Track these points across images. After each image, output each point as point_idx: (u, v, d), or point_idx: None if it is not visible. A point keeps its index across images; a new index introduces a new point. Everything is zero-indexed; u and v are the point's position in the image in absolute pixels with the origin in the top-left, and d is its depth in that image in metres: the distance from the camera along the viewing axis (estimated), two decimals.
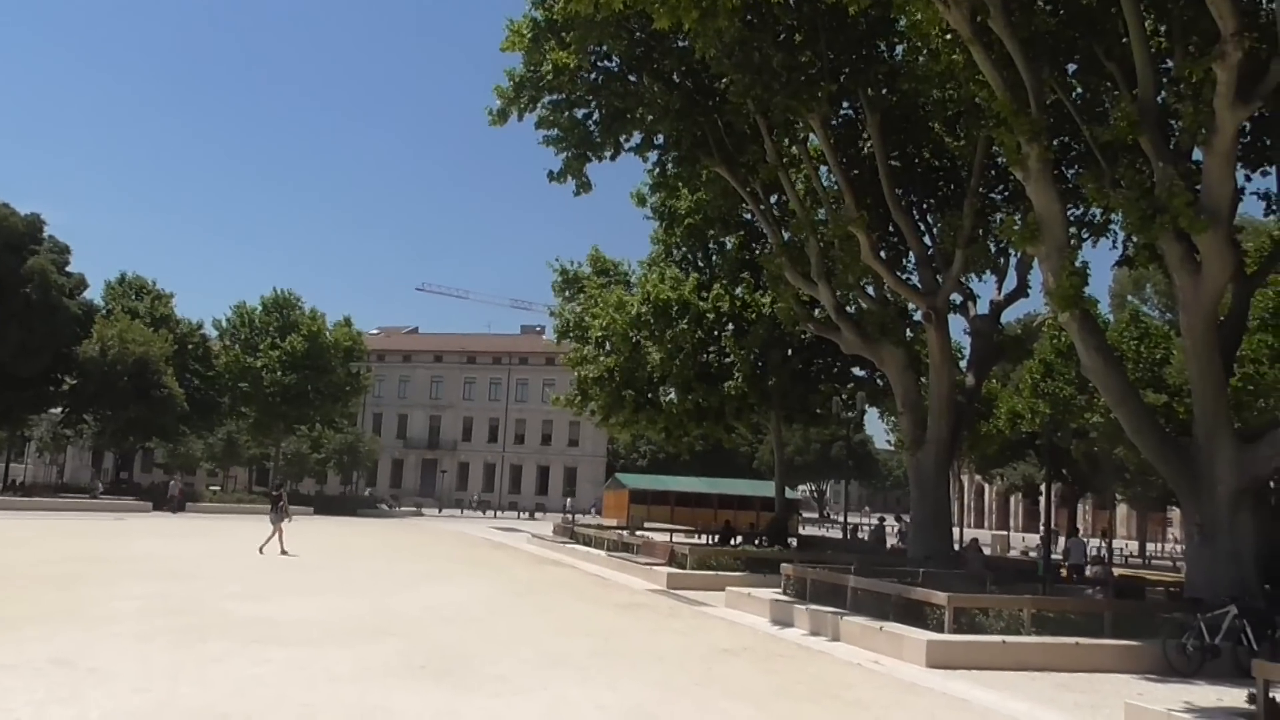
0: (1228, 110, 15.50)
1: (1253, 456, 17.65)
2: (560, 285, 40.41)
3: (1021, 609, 15.55)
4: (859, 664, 14.34)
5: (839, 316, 26.18)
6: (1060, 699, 12.37)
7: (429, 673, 11.56)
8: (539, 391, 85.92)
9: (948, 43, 19.15)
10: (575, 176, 24.98)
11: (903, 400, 26.23)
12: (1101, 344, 19.60)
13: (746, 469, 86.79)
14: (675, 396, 34.60)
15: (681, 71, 24.46)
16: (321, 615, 15.91)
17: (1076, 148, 22.01)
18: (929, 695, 12.26)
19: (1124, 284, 54.37)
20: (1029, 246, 19.67)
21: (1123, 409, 19.37)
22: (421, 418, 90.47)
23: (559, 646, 14.21)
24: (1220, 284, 17.78)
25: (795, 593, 19.77)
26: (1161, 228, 16.29)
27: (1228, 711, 10.37)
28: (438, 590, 21.01)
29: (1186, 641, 14.58)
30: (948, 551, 25.06)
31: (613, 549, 31.69)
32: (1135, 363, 34.44)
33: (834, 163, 24.61)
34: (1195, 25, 17.11)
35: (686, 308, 33.37)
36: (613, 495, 65.23)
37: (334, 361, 61.50)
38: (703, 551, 27.40)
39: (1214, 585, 16.73)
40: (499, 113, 24.35)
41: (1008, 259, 27.16)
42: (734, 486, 64.63)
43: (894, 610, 16.38)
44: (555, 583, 24.77)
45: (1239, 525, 17.59)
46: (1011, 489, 77.66)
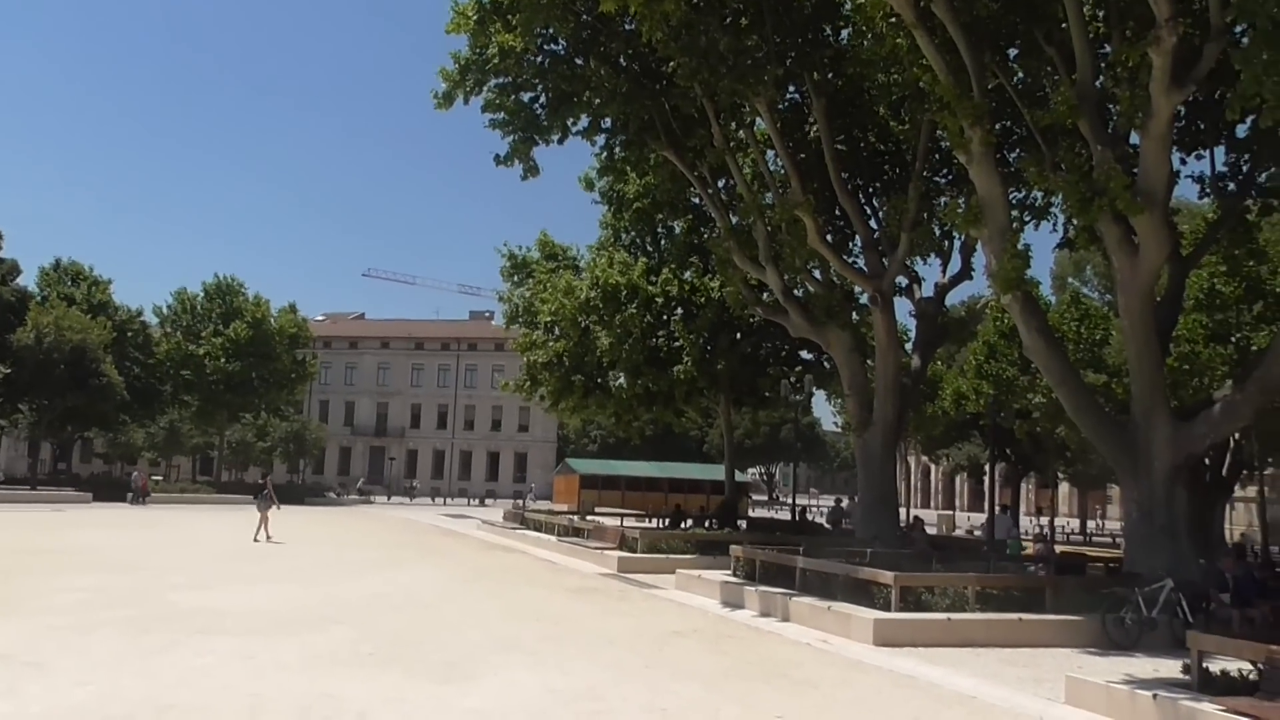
0: (1163, 95, 15.81)
1: (1188, 434, 18.12)
2: (509, 270, 40.19)
3: (966, 586, 15.84)
4: (808, 643, 14.50)
5: (786, 300, 26.36)
6: (1003, 674, 12.63)
7: (377, 660, 11.50)
8: (488, 377, 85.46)
9: (892, 27, 19.32)
10: (522, 160, 24.81)
11: (849, 383, 26.51)
12: (1043, 325, 19.96)
13: (696, 453, 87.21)
14: (625, 381, 34.61)
15: (628, 55, 24.38)
16: (269, 604, 15.75)
17: (1018, 132, 22.33)
18: (876, 673, 12.45)
19: (1065, 266, 55.29)
20: (972, 229, 19.95)
21: (1063, 389, 19.75)
22: (369, 405, 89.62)
23: (509, 631, 14.20)
24: (1157, 265, 18.18)
25: (745, 574, 19.94)
26: (1100, 210, 16.60)
27: (1164, 682, 10.65)
28: (386, 577, 20.87)
29: (1125, 615, 14.96)
30: (895, 531, 25.41)
31: (563, 534, 31.71)
32: (1076, 343, 35.00)
33: (780, 147, 24.73)
34: (1132, 11, 17.41)
35: (635, 292, 33.36)
36: (563, 480, 65.27)
37: (279, 348, 60.67)
38: (653, 535, 27.52)
39: (1151, 560, 17.16)
40: (444, 96, 24.08)
41: (952, 242, 27.54)
42: (684, 470, 64.98)
43: (842, 590, 16.59)
44: (505, 568, 24.73)
45: (1175, 501, 18.06)
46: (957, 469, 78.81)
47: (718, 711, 9.79)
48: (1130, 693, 10.25)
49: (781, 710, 9.99)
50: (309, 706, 9.14)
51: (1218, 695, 9.76)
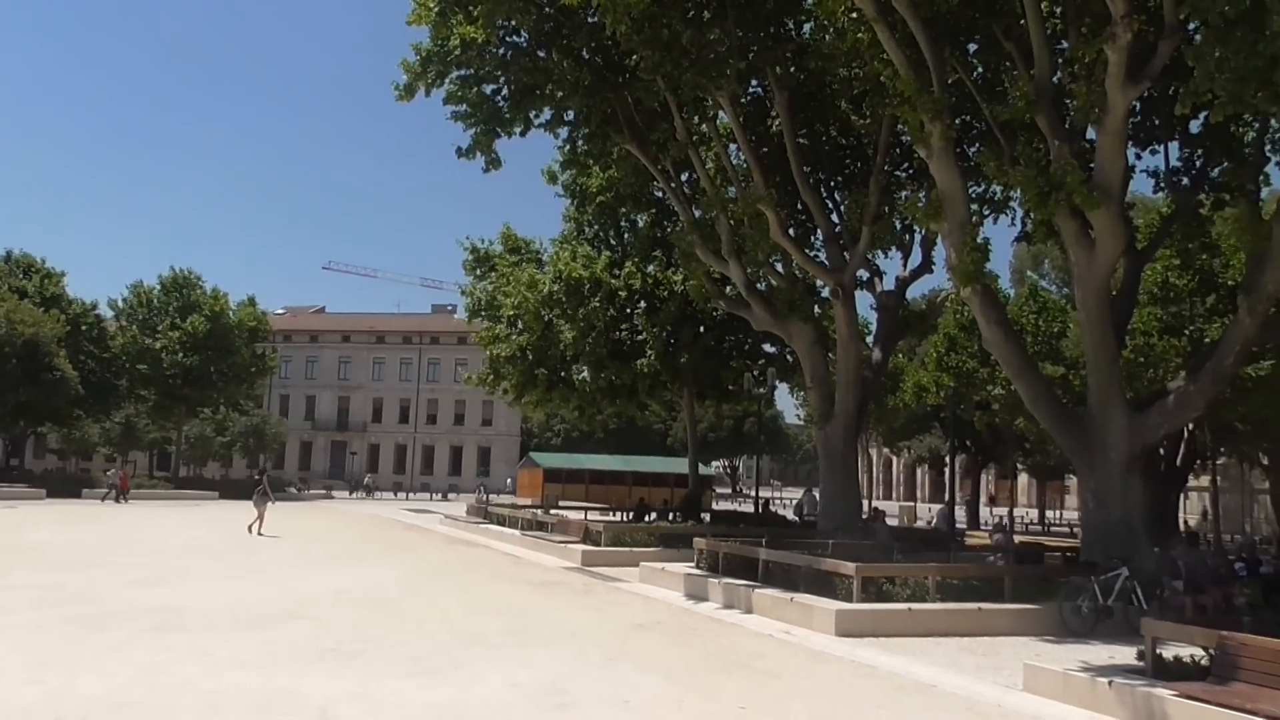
0: (1118, 90, 16.02)
1: (1143, 424, 18.41)
2: (471, 264, 40.00)
3: (926, 577, 15.99)
4: (771, 635, 14.58)
5: (749, 293, 26.45)
6: (963, 662, 12.77)
7: (339, 655, 11.42)
8: (451, 371, 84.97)
9: (853, 21, 19.41)
10: (484, 153, 24.64)
11: (811, 375, 26.65)
12: (1001, 318, 20.18)
13: (660, 446, 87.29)
14: (588, 374, 34.58)
15: (591, 48, 24.28)
16: (227, 601, 15.58)
17: (977, 126, 22.53)
18: (838, 663, 12.54)
19: (1023, 259, 56.06)
20: (932, 223, 20.12)
21: (1022, 380, 19.99)
22: (330, 399, 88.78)
23: (472, 626, 14.15)
24: (1113, 259, 18.42)
25: (708, 567, 20.00)
26: (1057, 204, 16.80)
27: (1119, 668, 10.82)
28: (348, 573, 20.72)
29: (1082, 604, 15.16)
30: (856, 523, 25.60)
31: (527, 528, 31.63)
32: (1034, 336, 35.49)
33: (743, 141, 24.78)
34: (1088, 7, 17.62)
35: (599, 286, 33.31)
36: (527, 474, 65.08)
37: (238, 342, 59.91)
38: (617, 528, 27.53)
39: (1107, 549, 17.42)
40: (406, 88, 23.84)
41: (912, 236, 27.73)
42: (648, 463, 65.03)
43: (805, 581, 16.68)
44: (469, 563, 24.64)
45: (1130, 490, 18.35)
46: (918, 461, 79.67)
47: (681, 703, 9.82)
48: (1087, 679, 10.41)
49: (744, 701, 10.04)
50: (268, 703, 9.05)
51: (1171, 681, 9.94)
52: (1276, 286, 17.68)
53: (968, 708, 10.30)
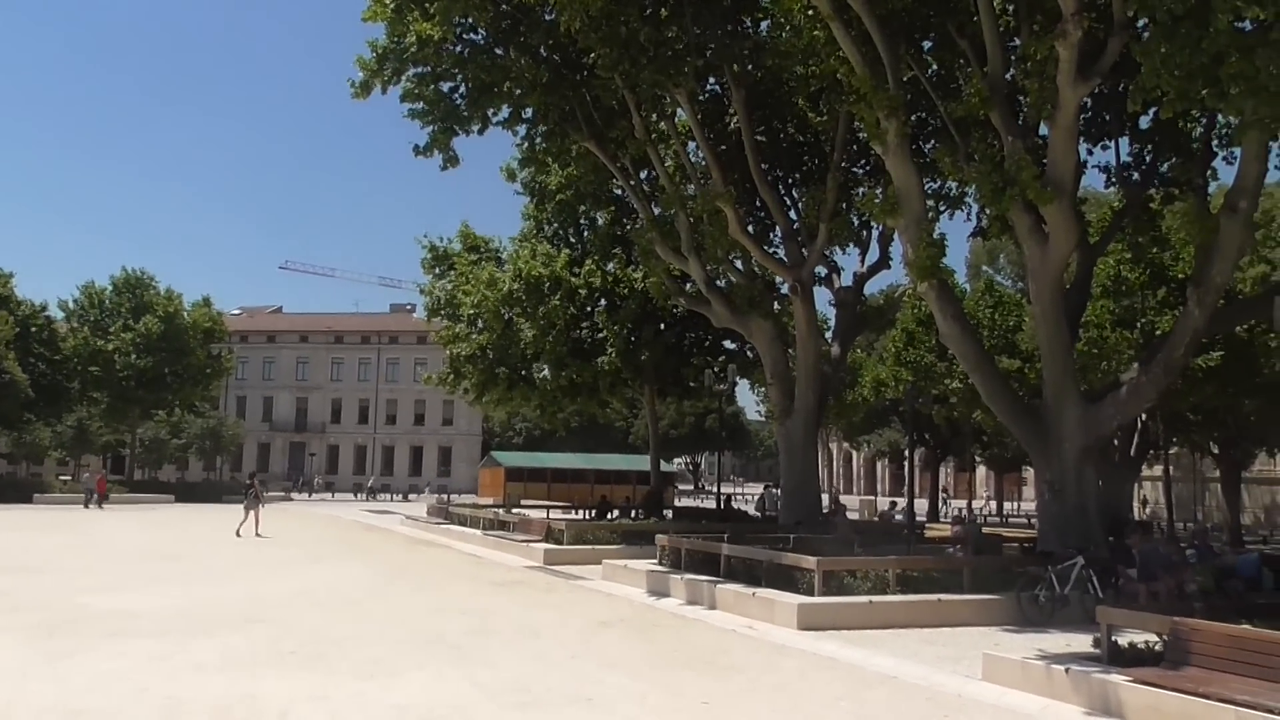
0: (1069, 87, 16.25)
1: (1096, 416, 18.70)
2: (430, 262, 39.72)
3: (887, 569, 16.14)
4: (733, 630, 14.65)
5: (709, 290, 26.53)
6: (923, 653, 12.91)
7: (299, 658, 11.32)
8: (410, 370, 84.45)
9: (810, 19, 19.51)
10: (442, 150, 24.49)
11: (771, 371, 26.80)
12: (958, 312, 20.41)
13: (622, 443, 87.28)
14: (549, 373, 34.48)
15: (549, 45, 24.21)
16: (185, 604, 15.39)
17: (933, 123, 22.75)
18: (800, 656, 12.63)
19: (979, 254, 56.65)
20: (889, 219, 20.30)
21: (978, 374, 20.23)
22: (288, 400, 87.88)
23: (434, 626, 14.08)
24: (1066, 253, 18.69)
25: (671, 563, 20.06)
26: (1011, 200, 17.01)
27: (1076, 656, 11.00)
28: (308, 575, 20.54)
29: (1039, 593, 15.38)
30: (817, 517, 25.78)
31: (489, 528, 31.51)
32: (990, 330, 35.87)
33: (701, 138, 24.85)
34: (1040, 5, 17.85)
35: (559, 284, 33.24)
36: (488, 473, 64.83)
37: (193, 343, 59.13)
38: (579, 526, 27.51)
39: (1063, 538, 17.69)
40: (362, 85, 23.64)
41: (870, 232, 27.98)
42: (610, 461, 65.03)
43: (766, 576, 16.78)
44: (430, 563, 24.51)
45: (1085, 481, 18.65)
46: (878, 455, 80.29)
47: (644, 699, 9.84)
48: (1044, 667, 10.57)
49: (707, 696, 10.08)
50: (228, 707, 8.96)
51: (1126, 667, 10.12)
52: (1224, 279, 18.05)
53: (928, 698, 10.41)
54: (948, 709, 9.96)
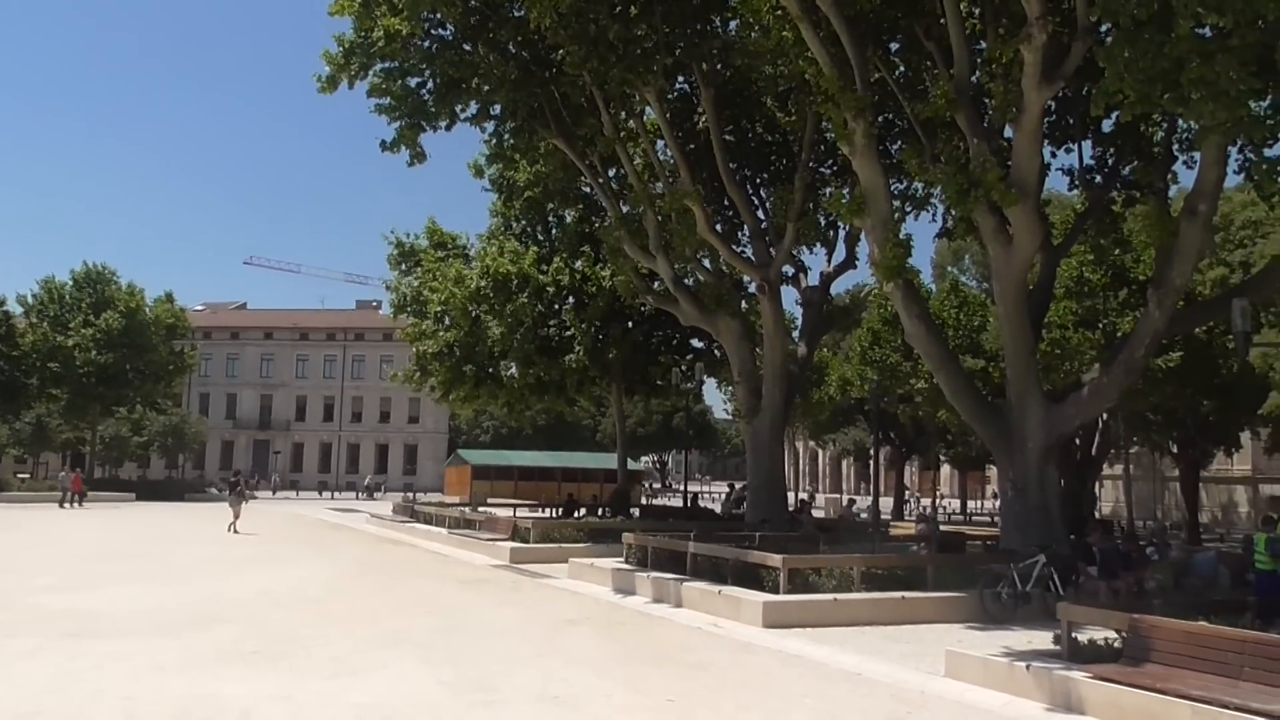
0: (1034, 90, 16.43)
1: (1059, 415, 18.91)
2: (396, 259, 39.49)
3: (851, 567, 16.24)
4: (699, 627, 14.69)
5: (677, 289, 26.57)
6: (887, 650, 13.00)
7: (262, 658, 11.22)
8: (376, 368, 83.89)
9: (778, 19, 19.58)
10: (409, 146, 24.34)
11: (738, 370, 26.89)
12: (923, 312, 20.57)
13: (589, 442, 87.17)
14: (516, 371, 34.39)
15: (518, 42, 24.14)
16: (146, 604, 15.20)
17: (899, 124, 22.92)
18: (765, 654, 12.69)
19: (944, 255, 57.04)
20: (856, 219, 20.41)
21: (943, 373, 20.41)
22: (252, 397, 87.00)
23: (399, 625, 14.01)
24: (1029, 254, 18.90)
25: (637, 561, 20.06)
26: (976, 201, 17.16)
27: (1037, 653, 11.12)
28: (271, 574, 20.35)
29: (1001, 590, 15.54)
30: (783, 515, 25.90)
31: (455, 526, 31.37)
32: (955, 330, 36.21)
33: (669, 137, 24.88)
34: (1006, 8, 18.02)
35: (526, 281, 33.15)
36: (455, 472, 64.57)
37: (155, 339, 58.35)
38: (546, 525, 27.45)
39: (1025, 536, 17.87)
40: (328, 79, 23.46)
41: (837, 232, 28.13)
42: (577, 459, 64.95)
43: (732, 574, 16.83)
44: (395, 562, 24.37)
45: (1047, 479, 18.87)
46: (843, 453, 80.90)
47: (610, 697, 9.84)
48: (1006, 664, 10.69)
49: (673, 694, 10.10)
50: (188, 708, 8.86)
51: (1086, 663, 10.26)
52: (1184, 281, 18.30)
53: (892, 694, 10.49)
54: (911, 705, 10.04)
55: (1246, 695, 8.55)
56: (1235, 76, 12.13)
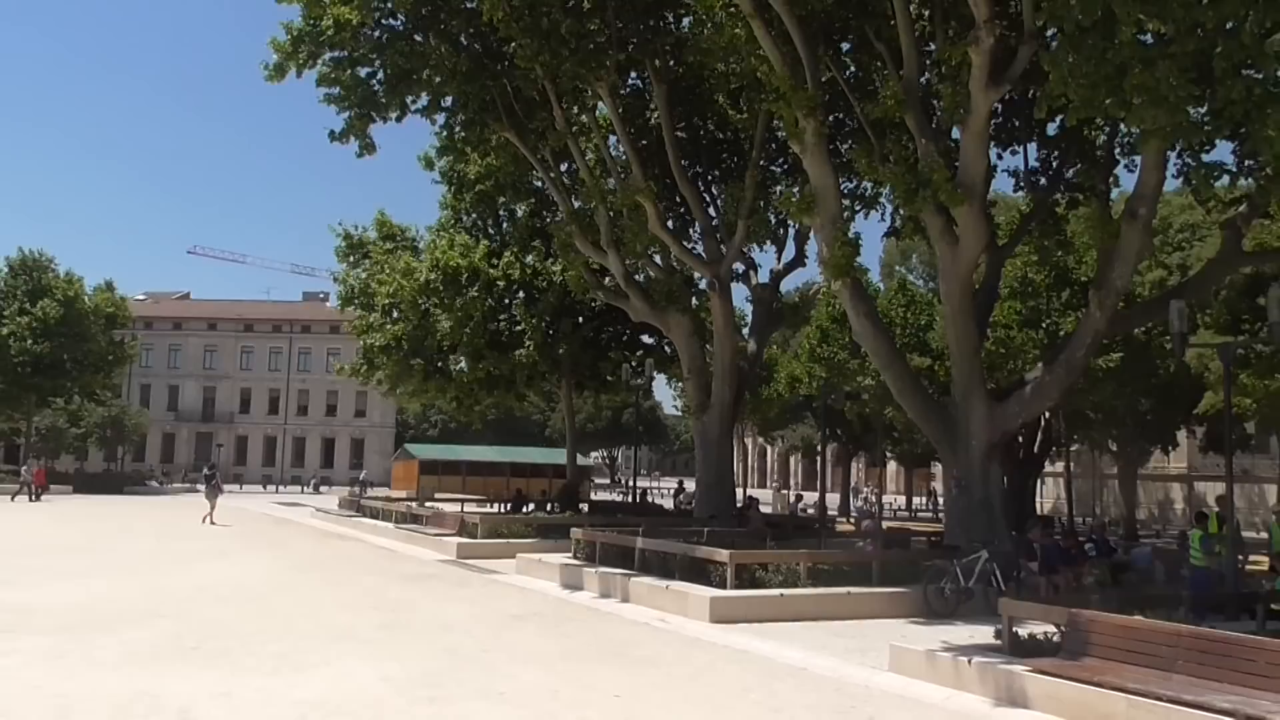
0: (981, 93, 16.66)
1: (1002, 413, 19.23)
2: (344, 251, 39.07)
3: (798, 563, 16.36)
4: (647, 623, 14.71)
5: (628, 285, 26.58)
6: (832, 645, 13.12)
7: (202, 654, 11.03)
8: (323, 360, 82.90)
9: (731, 17, 19.67)
10: (358, 137, 24.06)
11: (688, 366, 26.99)
12: (871, 311, 20.78)
13: (539, 437, 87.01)
14: (466, 365, 34.21)
15: (469, 34, 23.96)
16: (83, 599, 14.88)
17: (850, 124, 23.12)
18: (712, 649, 12.73)
19: (892, 254, 57.66)
20: (805, 218, 20.56)
21: (889, 371, 20.64)
22: (194, 389, 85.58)
23: (343, 620, 13.86)
24: (975, 254, 19.17)
25: (585, 556, 20.04)
26: (924, 201, 17.38)
27: (979, 647, 11.28)
28: (213, 568, 20.04)
29: (945, 586, 15.75)
30: (731, 510, 26.04)
31: (401, 521, 31.13)
32: (902, 328, 36.65)
33: (622, 132, 24.86)
34: (955, 11, 18.26)
35: (477, 275, 32.97)
36: (402, 466, 64.01)
37: (93, 329, 57.15)
38: (494, 520, 27.33)
39: (969, 533, 18.14)
40: (276, 68, 23.09)
41: (787, 230, 28.32)
42: (526, 454, 64.69)
43: (680, 569, 16.87)
44: (340, 557, 24.11)
45: (991, 476, 19.17)
46: (792, 450, 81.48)
47: (556, 693, 9.82)
48: (948, 658, 10.83)
49: (619, 689, 10.10)
50: (124, 705, 8.68)
51: (1026, 657, 10.43)
52: (1124, 282, 18.69)
53: (836, 689, 10.59)
54: (855, 699, 10.14)
55: (1179, 687, 8.75)
56: (1175, 83, 12.39)
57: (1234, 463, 16.07)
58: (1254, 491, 46.67)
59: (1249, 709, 8.12)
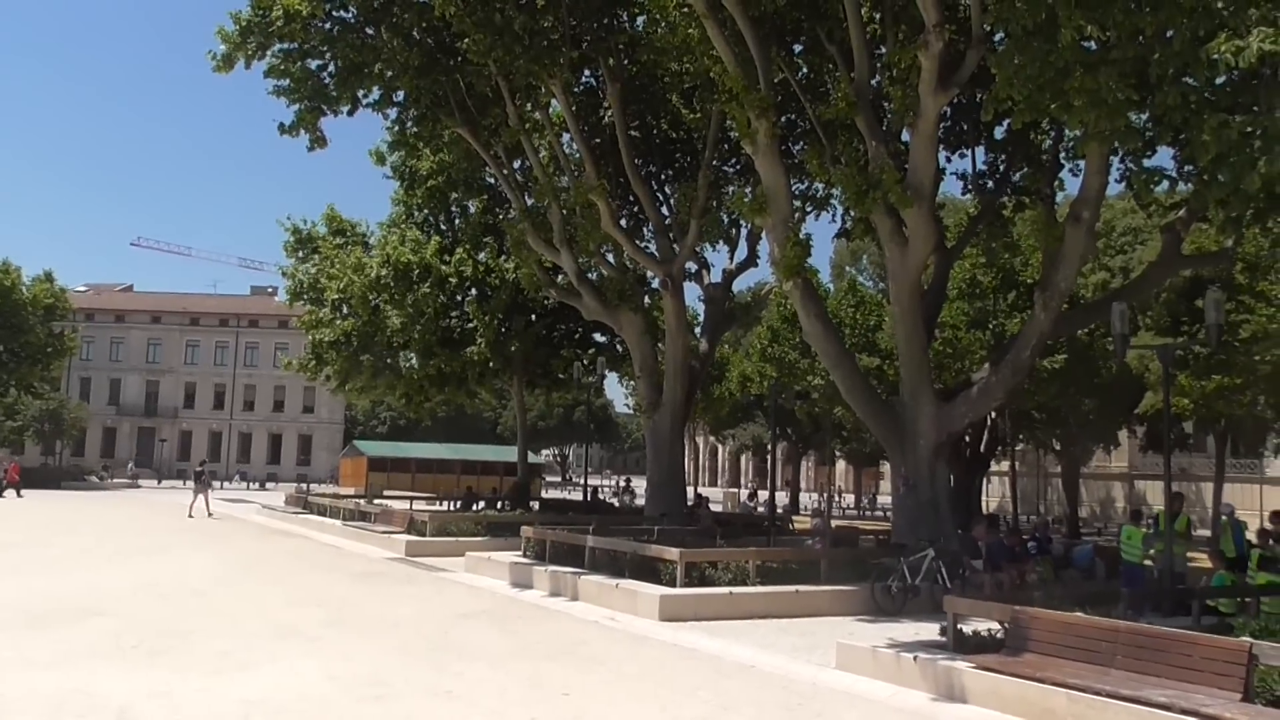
0: (930, 96, 16.85)
1: (949, 413, 19.46)
2: (293, 245, 38.54)
3: (747, 561, 16.46)
4: (596, 621, 14.72)
5: (580, 283, 26.54)
6: (780, 643, 13.22)
7: (142, 652, 10.85)
8: (271, 355, 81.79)
9: (684, 16, 19.70)
10: (309, 130, 23.72)
11: (640, 365, 27.00)
12: (821, 311, 20.93)
13: (490, 434, 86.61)
14: (416, 361, 33.93)
15: (422, 28, 23.73)
16: (17, 597, 14.56)
17: (801, 125, 23.26)
18: (661, 647, 12.78)
19: (843, 255, 58.30)
20: (757, 218, 20.64)
21: (839, 371, 20.80)
22: (137, 382, 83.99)
23: (289, 618, 13.71)
24: (924, 255, 19.38)
25: (535, 554, 20.00)
26: (874, 202, 17.54)
27: (924, 644, 11.44)
28: (155, 565, 19.71)
29: (891, 584, 15.94)
30: (682, 509, 26.11)
31: (349, 518, 30.84)
32: (852, 329, 36.98)
33: (575, 130, 24.80)
34: (905, 14, 18.45)
35: (428, 271, 32.73)
36: (350, 463, 63.50)
37: (31, 320, 55.89)
38: (443, 518, 27.18)
39: (916, 531, 18.35)
40: (224, 58, 22.66)
41: (739, 230, 28.42)
42: (477, 452, 64.48)
43: (630, 567, 16.90)
44: (286, 554, 23.84)
45: (938, 476, 19.41)
46: (742, 449, 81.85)
47: (504, 691, 9.79)
48: (894, 655, 10.97)
49: (568, 687, 10.10)
50: (60, 705, 8.51)
51: (970, 654, 10.60)
52: (1068, 285, 18.99)
53: (783, 686, 10.67)
54: (802, 696, 10.23)
55: (1117, 682, 8.94)
56: (1115, 87, 12.63)
57: (1172, 461, 16.41)
58: (1191, 490, 47.84)
59: (1184, 702, 8.33)
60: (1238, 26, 11.47)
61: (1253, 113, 12.10)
